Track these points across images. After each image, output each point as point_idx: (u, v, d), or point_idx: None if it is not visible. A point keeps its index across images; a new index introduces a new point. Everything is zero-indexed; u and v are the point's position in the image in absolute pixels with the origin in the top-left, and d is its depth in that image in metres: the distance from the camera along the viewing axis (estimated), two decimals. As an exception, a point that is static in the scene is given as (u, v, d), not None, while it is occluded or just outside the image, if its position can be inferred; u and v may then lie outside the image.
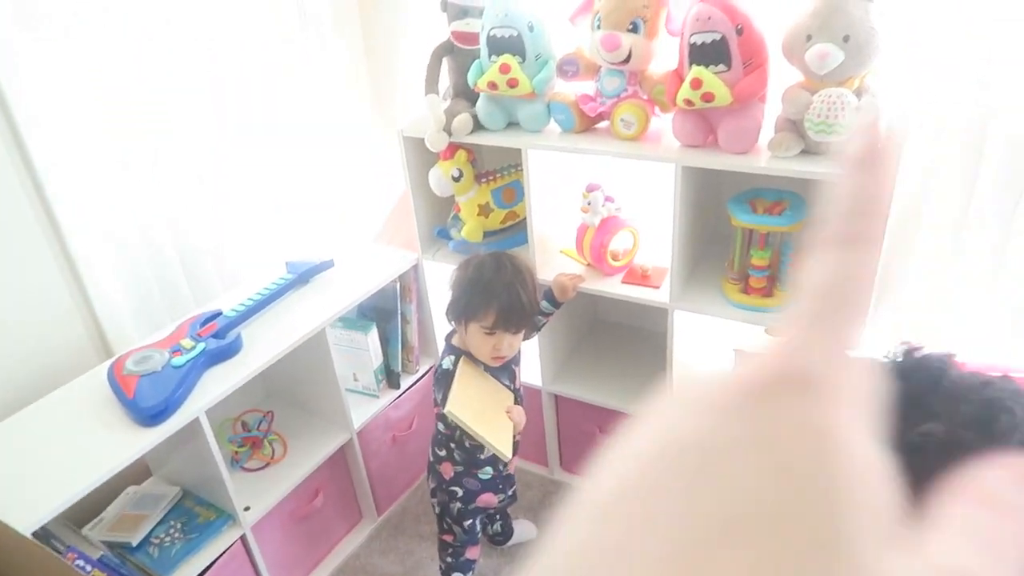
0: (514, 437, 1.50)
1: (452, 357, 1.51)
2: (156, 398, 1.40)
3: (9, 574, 1.29)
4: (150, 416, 1.38)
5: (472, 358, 1.52)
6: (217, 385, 1.48)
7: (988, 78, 1.36)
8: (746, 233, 1.50)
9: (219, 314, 1.64)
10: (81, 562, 1.30)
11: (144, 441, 1.35)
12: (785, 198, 1.46)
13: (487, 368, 1.54)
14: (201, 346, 1.53)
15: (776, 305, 1.49)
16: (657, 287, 1.63)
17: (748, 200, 1.48)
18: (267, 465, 1.73)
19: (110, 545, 1.48)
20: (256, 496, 1.65)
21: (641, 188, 1.75)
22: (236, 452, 1.74)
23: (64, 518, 1.38)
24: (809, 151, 1.33)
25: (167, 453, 1.61)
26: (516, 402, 1.58)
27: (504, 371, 1.58)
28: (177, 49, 1.68)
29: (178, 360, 1.48)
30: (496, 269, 1.47)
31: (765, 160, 1.35)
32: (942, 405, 0.77)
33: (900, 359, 0.84)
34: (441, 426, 1.59)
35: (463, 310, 1.49)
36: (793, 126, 1.32)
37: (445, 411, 1.40)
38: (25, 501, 1.22)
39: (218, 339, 1.57)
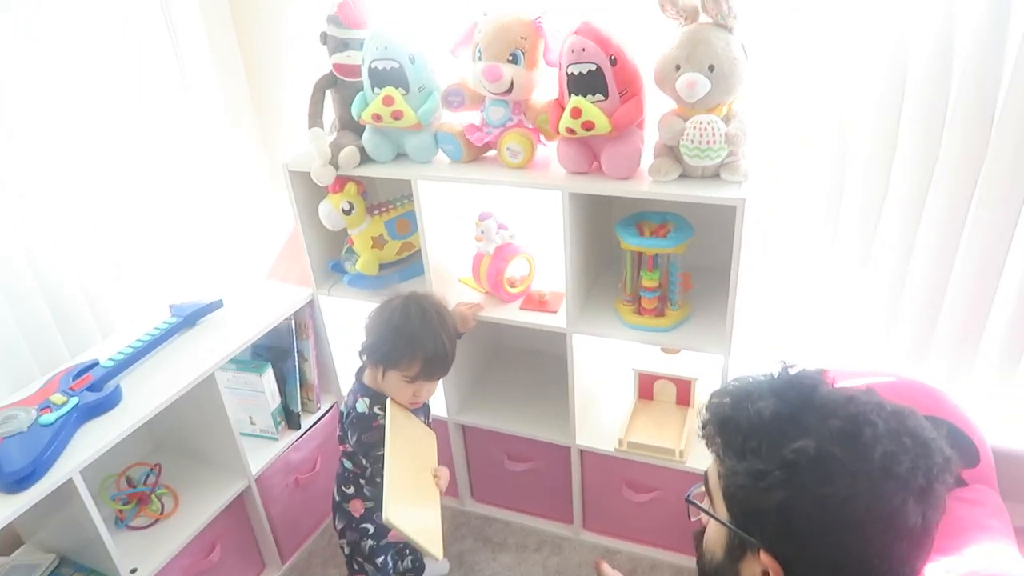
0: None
1: (367, 399, 1.46)
2: (21, 461, 1.29)
3: None
4: (15, 481, 1.27)
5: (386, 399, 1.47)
6: (94, 441, 1.38)
7: (847, 99, 1.45)
8: (635, 255, 1.53)
9: (95, 364, 1.54)
10: (-63, 650, 1.18)
11: (9, 509, 1.24)
12: (669, 220, 1.50)
13: None
14: (74, 400, 1.43)
15: (667, 324, 1.53)
16: (555, 312, 1.64)
17: (635, 223, 1.51)
18: (156, 521, 1.63)
19: (-26, 626, 1.35)
20: (145, 556, 1.54)
21: (533, 214, 1.77)
22: (120, 510, 1.63)
23: (-83, 602, 1.25)
24: (687, 175, 1.38)
25: (39, 519, 1.48)
26: None
27: (420, 408, 1.55)
28: (49, 83, 1.59)
29: (47, 417, 1.38)
30: (422, 318, 1.41)
31: (647, 185, 1.38)
32: (813, 421, 0.80)
33: (776, 377, 0.88)
34: (348, 464, 1.54)
35: (384, 357, 1.43)
36: (671, 151, 1.36)
37: (384, 520, 1.26)
38: None
39: (94, 391, 1.47)
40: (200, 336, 1.70)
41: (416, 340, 1.40)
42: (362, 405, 1.46)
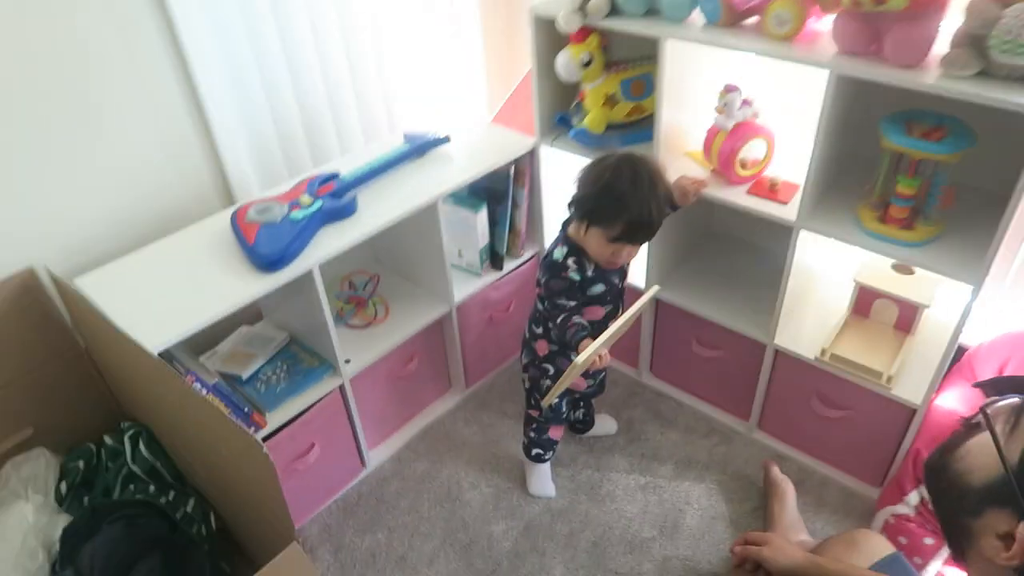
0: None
1: (565, 249, 1.47)
2: (274, 247, 1.46)
3: (139, 386, 1.43)
4: (268, 263, 1.45)
5: (584, 254, 1.49)
6: (331, 242, 1.53)
7: None
8: (895, 157, 1.37)
9: (337, 175, 1.68)
10: (198, 385, 1.42)
11: (261, 285, 1.43)
12: (946, 123, 1.31)
13: (598, 266, 1.50)
14: (319, 203, 1.58)
15: (915, 239, 1.37)
16: (785, 203, 1.53)
17: (904, 121, 1.34)
18: (369, 324, 1.81)
19: (223, 375, 1.61)
20: (357, 351, 1.73)
21: (784, 94, 1.62)
22: (341, 308, 1.83)
23: (185, 345, 1.50)
24: (988, 73, 1.17)
25: (279, 300, 1.70)
26: (620, 302, 1.57)
27: (617, 271, 1.55)
28: None
29: (296, 214, 1.54)
30: (633, 181, 1.37)
31: (934, 78, 1.20)
32: None
33: None
34: (540, 305, 1.60)
35: (589, 213, 1.42)
36: (974, 42, 1.16)
37: (575, 360, 1.32)
38: (154, 325, 1.33)
39: (335, 199, 1.61)
40: (427, 166, 1.79)
41: (623, 202, 1.37)
42: (559, 252, 1.48)
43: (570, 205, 1.47)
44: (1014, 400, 0.79)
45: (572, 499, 1.78)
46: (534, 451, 1.76)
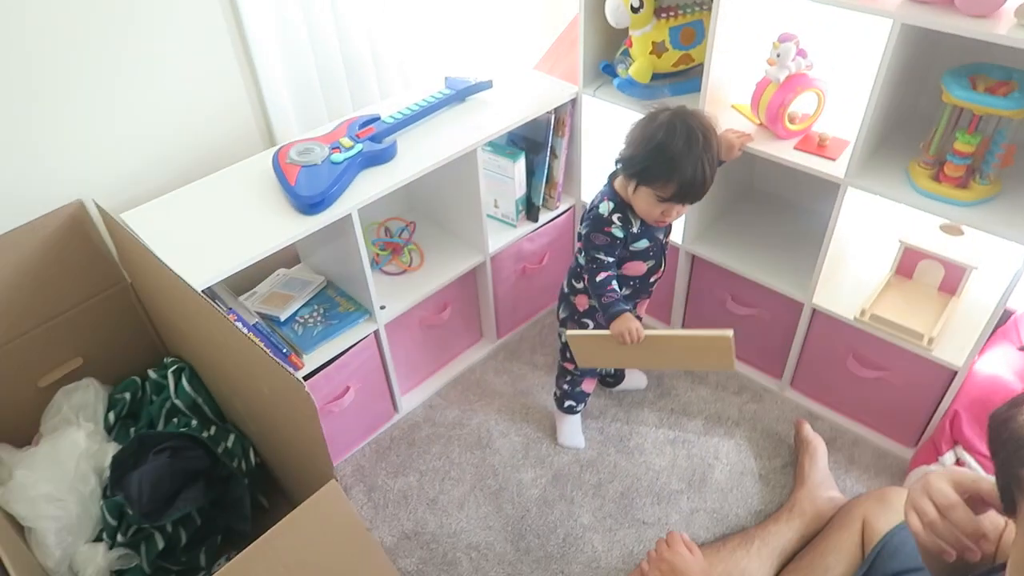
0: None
1: (611, 204, 1.44)
2: (315, 189, 1.46)
3: (182, 322, 1.45)
4: (309, 205, 1.45)
5: (631, 210, 1.47)
6: (370, 187, 1.52)
7: None
8: (955, 112, 1.32)
9: (377, 118, 1.66)
10: (239, 324, 1.44)
11: (301, 227, 1.43)
12: (1015, 78, 1.27)
13: (643, 222, 1.48)
14: (359, 147, 1.57)
15: (970, 199, 1.34)
16: (833, 159, 1.50)
17: (968, 75, 1.29)
18: (404, 272, 1.82)
19: (262, 316, 1.63)
20: (391, 298, 1.74)
21: (839, 45, 1.57)
22: (377, 255, 1.83)
23: (225, 284, 1.52)
24: (1066, 24, 1.13)
25: (316, 244, 1.71)
26: (662, 257, 1.55)
27: (663, 227, 1.52)
28: None
29: (337, 157, 1.53)
30: (687, 140, 1.32)
31: (1007, 28, 1.15)
32: None
33: None
34: (581, 260, 1.59)
35: (640, 173, 1.37)
36: (1054, -10, 1.11)
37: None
38: (197, 262, 1.34)
39: (375, 143, 1.60)
40: (468, 112, 1.76)
41: (676, 162, 1.33)
42: (604, 207, 1.45)
43: (619, 162, 1.44)
44: None
45: (601, 450, 1.80)
46: (566, 403, 1.77)
